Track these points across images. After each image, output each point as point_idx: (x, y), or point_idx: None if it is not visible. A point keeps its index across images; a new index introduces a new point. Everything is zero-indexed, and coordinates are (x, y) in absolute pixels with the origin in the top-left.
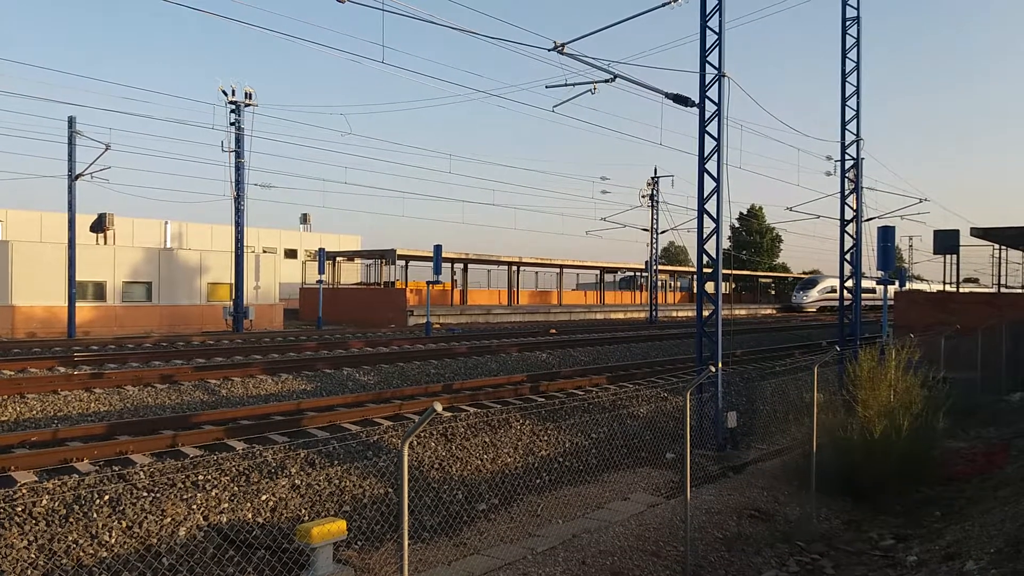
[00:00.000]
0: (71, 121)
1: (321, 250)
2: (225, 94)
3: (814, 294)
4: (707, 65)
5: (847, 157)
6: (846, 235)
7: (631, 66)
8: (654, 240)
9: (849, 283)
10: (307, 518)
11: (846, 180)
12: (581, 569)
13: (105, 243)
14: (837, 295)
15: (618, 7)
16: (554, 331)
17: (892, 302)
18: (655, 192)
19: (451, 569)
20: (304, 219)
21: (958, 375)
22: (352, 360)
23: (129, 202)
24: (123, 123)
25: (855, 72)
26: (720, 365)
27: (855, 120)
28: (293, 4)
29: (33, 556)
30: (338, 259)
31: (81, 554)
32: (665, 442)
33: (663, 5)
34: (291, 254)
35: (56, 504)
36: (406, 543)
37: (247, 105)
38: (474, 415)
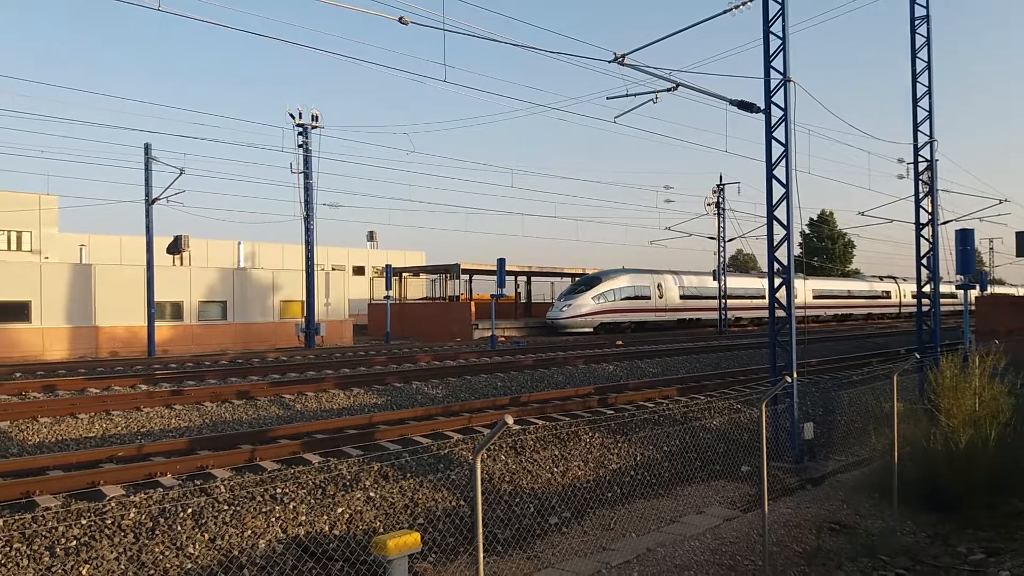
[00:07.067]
0: (147, 148)
1: (388, 266)
2: (292, 117)
3: (587, 302)
4: (771, 70)
5: (920, 159)
6: (922, 239)
7: (693, 74)
8: (721, 248)
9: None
10: (382, 530)
11: (920, 183)
12: None
13: (181, 264)
14: (634, 304)
15: (678, 16)
16: (620, 343)
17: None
18: (721, 199)
19: None
20: (371, 236)
21: None
22: (420, 374)
23: (203, 223)
24: (196, 148)
25: (926, 72)
26: (795, 375)
27: (928, 121)
28: (356, 27)
29: (123, 567)
30: (404, 275)
31: (168, 565)
32: (740, 454)
33: (724, 12)
34: (359, 271)
35: (143, 517)
36: (481, 556)
37: (314, 127)
38: (543, 428)
